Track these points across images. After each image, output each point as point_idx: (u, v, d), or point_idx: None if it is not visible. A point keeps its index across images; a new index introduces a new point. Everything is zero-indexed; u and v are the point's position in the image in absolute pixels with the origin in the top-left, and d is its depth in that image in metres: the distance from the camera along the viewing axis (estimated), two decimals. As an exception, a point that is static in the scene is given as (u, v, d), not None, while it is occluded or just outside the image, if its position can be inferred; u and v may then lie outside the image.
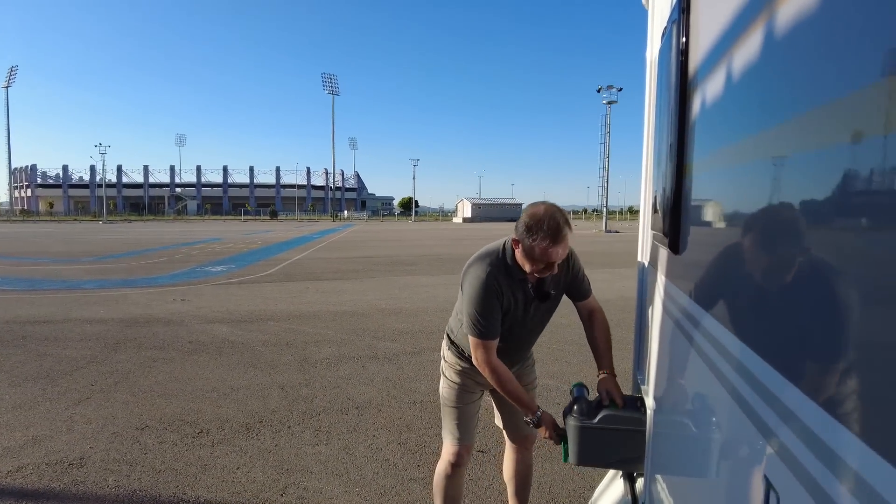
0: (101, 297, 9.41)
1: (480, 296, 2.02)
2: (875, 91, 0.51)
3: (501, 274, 2.05)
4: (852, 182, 0.57)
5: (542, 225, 1.88)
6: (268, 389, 4.69)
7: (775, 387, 0.70)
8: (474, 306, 2.03)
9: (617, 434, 1.94)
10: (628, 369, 2.60)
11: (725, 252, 1.04)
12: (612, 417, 1.95)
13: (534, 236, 1.90)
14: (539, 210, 1.94)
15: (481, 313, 2.03)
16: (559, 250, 1.92)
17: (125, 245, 23.54)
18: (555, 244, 1.89)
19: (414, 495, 3.01)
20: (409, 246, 23.94)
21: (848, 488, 0.52)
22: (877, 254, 0.53)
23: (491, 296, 2.03)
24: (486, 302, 2.02)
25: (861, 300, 0.55)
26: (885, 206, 0.50)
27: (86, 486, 3.07)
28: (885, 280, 0.51)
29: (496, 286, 2.03)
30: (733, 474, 0.91)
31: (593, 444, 1.97)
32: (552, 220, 1.89)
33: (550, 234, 1.88)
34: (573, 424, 1.97)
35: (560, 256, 1.94)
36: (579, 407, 1.99)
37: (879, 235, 0.53)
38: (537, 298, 2.14)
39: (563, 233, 1.90)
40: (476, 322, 2.04)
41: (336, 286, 10.94)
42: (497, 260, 2.07)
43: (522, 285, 2.09)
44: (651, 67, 2.12)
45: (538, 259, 1.93)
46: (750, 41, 0.87)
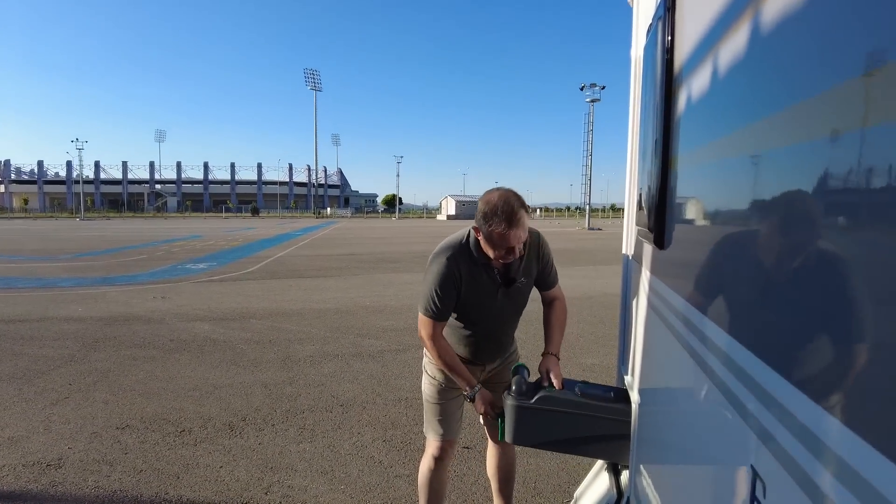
0: (78, 295, 9.24)
1: (438, 280, 2.07)
2: (856, 86, 0.52)
3: (463, 260, 2.08)
4: (833, 176, 0.58)
5: (497, 210, 1.90)
6: (251, 388, 4.65)
7: (761, 377, 0.71)
8: (430, 287, 2.09)
9: (553, 415, 1.97)
10: (613, 364, 2.62)
11: (710, 247, 1.06)
12: (549, 399, 1.98)
13: (490, 222, 1.92)
14: (493, 196, 1.95)
15: (435, 296, 2.08)
16: (517, 233, 1.93)
17: (103, 242, 23.13)
18: (511, 228, 1.91)
19: (399, 492, 3.01)
20: (393, 243, 23.87)
21: (833, 474, 0.53)
22: (857, 245, 0.54)
23: (448, 282, 2.07)
24: (442, 286, 2.07)
25: (842, 290, 0.56)
26: (865, 199, 0.51)
27: (64, 486, 3.01)
28: (864, 270, 0.52)
29: (456, 273, 2.07)
30: (719, 465, 0.92)
31: (528, 424, 2.00)
32: (506, 204, 1.91)
33: (505, 218, 1.90)
34: (510, 403, 2.01)
35: (519, 240, 1.95)
36: (518, 387, 2.03)
37: (859, 228, 0.54)
38: (504, 284, 2.15)
39: (517, 216, 1.91)
40: (429, 302, 2.10)
41: (319, 284, 10.87)
42: (460, 246, 2.11)
43: (487, 270, 2.11)
44: (636, 64, 2.13)
45: (498, 244, 1.96)
46: (735, 38, 0.88)
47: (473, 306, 2.16)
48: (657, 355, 1.54)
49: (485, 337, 2.27)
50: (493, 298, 2.16)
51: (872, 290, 0.50)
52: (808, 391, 0.60)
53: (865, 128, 0.51)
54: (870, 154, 0.50)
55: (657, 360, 1.54)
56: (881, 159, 0.49)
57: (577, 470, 3.24)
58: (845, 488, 0.51)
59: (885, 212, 0.48)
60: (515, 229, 1.91)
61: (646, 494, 1.57)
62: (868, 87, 0.50)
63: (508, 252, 1.98)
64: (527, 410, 1.98)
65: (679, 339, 1.19)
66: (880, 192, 0.49)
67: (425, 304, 2.12)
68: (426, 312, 2.12)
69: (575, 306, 8.10)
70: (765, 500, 0.67)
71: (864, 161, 0.51)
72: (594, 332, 6.69)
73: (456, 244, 2.12)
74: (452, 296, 2.10)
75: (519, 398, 2.00)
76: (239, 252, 18.57)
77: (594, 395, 2.00)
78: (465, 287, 2.10)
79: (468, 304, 2.15)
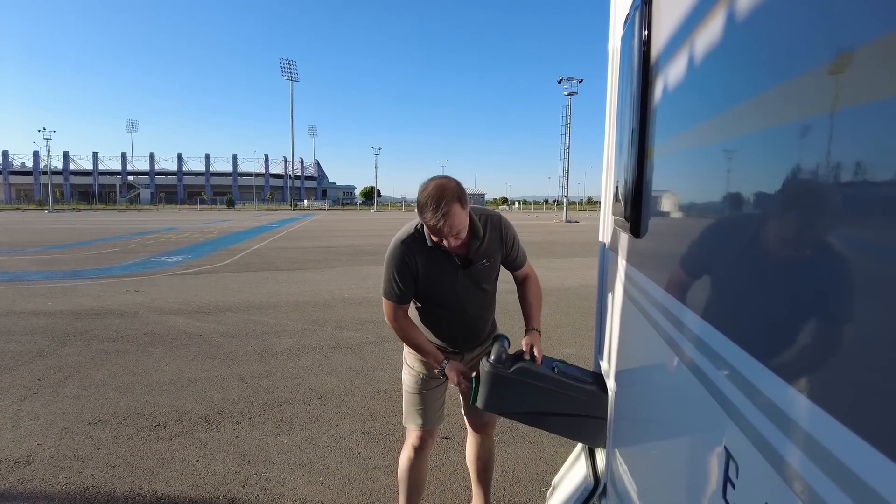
0: (47, 288, 9.00)
1: (393, 266, 2.14)
2: (827, 72, 0.53)
3: (417, 246, 2.12)
4: (805, 162, 0.59)
5: (428, 204, 1.91)
6: (227, 381, 4.60)
7: (734, 360, 0.72)
8: (387, 273, 2.16)
9: (527, 387, 2.00)
10: (590, 354, 2.65)
11: (685, 234, 1.07)
12: (525, 371, 2.01)
13: (424, 215, 1.95)
14: (427, 188, 1.94)
15: (393, 281, 2.15)
16: (449, 224, 1.92)
17: (74, 235, 22.56)
18: (441, 220, 1.90)
19: (378, 483, 3.01)
20: (371, 236, 23.76)
21: (804, 452, 0.54)
22: (828, 230, 0.55)
23: (403, 268, 2.12)
24: (398, 272, 2.13)
25: (813, 275, 0.57)
26: (836, 184, 0.52)
27: (34, 483, 2.94)
28: (835, 255, 0.53)
29: (409, 259, 2.11)
30: (694, 448, 0.94)
31: (502, 392, 2.02)
32: (436, 198, 1.90)
33: (433, 212, 1.90)
34: (487, 370, 2.02)
35: (453, 229, 1.94)
36: (497, 355, 2.05)
37: (831, 213, 0.55)
38: (462, 266, 2.17)
39: (448, 209, 1.90)
40: (387, 286, 2.17)
41: (296, 276, 10.77)
42: (414, 232, 2.14)
43: (444, 253, 2.12)
44: (613, 55, 2.14)
45: (435, 234, 1.99)
46: (710, 27, 0.89)
47: (436, 291, 2.20)
48: (632, 342, 1.56)
49: (456, 323, 2.28)
50: (453, 280, 2.18)
51: (843, 274, 0.52)
52: (779, 372, 0.61)
53: (836, 112, 0.52)
54: (841, 139, 0.51)
55: (632, 346, 1.56)
56: (852, 144, 0.50)
57: (555, 458, 3.28)
58: (816, 466, 0.52)
59: (855, 196, 0.50)
60: (447, 220, 1.91)
61: (622, 480, 1.60)
62: (839, 73, 0.51)
63: (446, 236, 1.99)
64: (502, 378, 2.00)
65: (654, 325, 1.21)
66: (852, 177, 0.50)
67: (385, 287, 2.19)
68: (386, 295, 2.19)
69: (553, 297, 8.17)
70: (737, 479, 0.69)
71: (836, 146, 0.52)
72: (572, 322, 6.75)
73: (410, 231, 2.15)
74: (409, 280, 2.15)
75: (496, 366, 2.02)
76: (214, 244, 18.29)
77: (571, 375, 2.03)
78: (423, 272, 2.13)
79: (431, 290, 2.19)
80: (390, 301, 2.19)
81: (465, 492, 2.92)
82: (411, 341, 2.22)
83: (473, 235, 2.12)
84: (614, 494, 1.76)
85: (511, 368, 2.01)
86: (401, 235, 2.16)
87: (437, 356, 2.20)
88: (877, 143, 0.46)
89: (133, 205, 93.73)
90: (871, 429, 0.45)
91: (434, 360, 2.20)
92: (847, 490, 0.47)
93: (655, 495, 1.23)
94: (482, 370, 2.05)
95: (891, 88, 0.43)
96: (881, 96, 0.45)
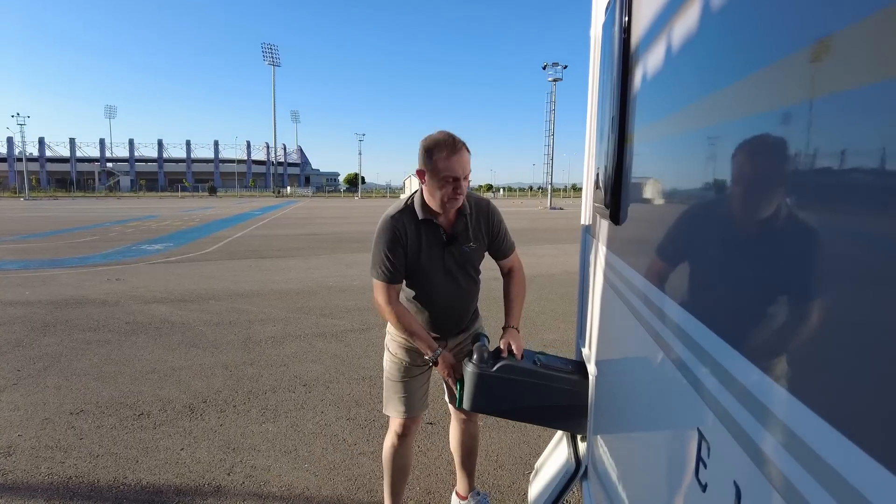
0: (25, 277, 8.85)
1: (384, 241, 2.10)
2: (805, 57, 0.54)
3: (408, 219, 2.12)
4: (782, 147, 0.60)
5: (440, 141, 2.00)
6: (211, 369, 4.58)
7: (708, 345, 0.74)
8: (378, 250, 2.12)
9: (512, 384, 2.02)
10: (572, 339, 2.68)
11: (664, 221, 1.09)
12: (509, 368, 2.03)
13: (435, 155, 1.99)
14: (433, 134, 2.05)
15: (384, 257, 2.11)
16: (460, 159, 2.00)
17: (52, 223, 22.14)
18: (454, 153, 1.99)
19: (364, 469, 3.03)
20: (356, 223, 23.65)
21: (771, 434, 0.56)
22: (807, 217, 0.56)
23: (394, 241, 2.10)
24: (389, 246, 2.10)
25: (790, 261, 0.59)
26: (814, 169, 0.54)
27: (15, 475, 2.92)
28: (813, 241, 0.55)
29: (400, 230, 2.11)
30: (669, 429, 0.96)
31: (487, 392, 2.05)
32: (448, 136, 2.02)
33: (448, 146, 1.99)
34: (471, 371, 2.04)
35: (464, 168, 2.01)
36: (479, 355, 2.06)
37: (809, 199, 0.56)
38: (448, 243, 2.18)
39: (459, 143, 2.01)
40: (379, 264, 2.12)
41: (280, 264, 10.70)
42: (404, 206, 2.15)
43: (431, 228, 2.14)
44: (595, 42, 2.15)
45: (443, 178, 2.00)
46: (690, 13, 0.90)
47: (422, 269, 2.18)
48: (613, 327, 1.58)
49: (441, 308, 2.27)
50: (439, 259, 2.18)
51: (818, 262, 0.53)
52: (750, 357, 0.63)
53: (814, 99, 0.52)
54: (819, 125, 0.52)
55: (613, 332, 1.59)
56: (830, 130, 0.51)
57: (538, 442, 3.32)
58: (783, 447, 0.54)
59: (832, 183, 0.51)
60: (459, 154, 1.99)
61: (602, 461, 1.63)
62: (817, 60, 0.52)
63: (456, 188, 2.02)
64: (487, 378, 2.02)
65: (632, 311, 1.23)
66: (829, 164, 0.51)
67: (376, 268, 2.14)
68: (378, 276, 2.14)
69: (536, 283, 8.23)
70: (709, 459, 0.71)
71: (814, 133, 0.53)
72: (554, 308, 6.82)
73: (399, 206, 2.16)
74: (400, 255, 2.12)
75: (480, 366, 2.03)
76: (196, 232, 18.08)
77: (553, 367, 2.06)
78: (412, 246, 2.13)
79: (416, 267, 2.17)
80: (382, 282, 2.14)
81: (449, 476, 2.96)
82: (405, 326, 2.16)
83: (460, 212, 2.15)
84: (595, 476, 1.80)
85: (494, 367, 2.02)
86: (390, 211, 2.15)
87: (430, 343, 2.17)
88: (855, 130, 0.47)
89: (112, 192, 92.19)
90: (835, 412, 0.47)
91: (428, 347, 2.17)
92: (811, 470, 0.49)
93: (634, 475, 1.26)
94: (466, 372, 2.06)
95: (868, 75, 0.44)
96: (859, 83, 0.46)
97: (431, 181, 2.03)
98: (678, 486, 0.85)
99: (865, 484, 0.42)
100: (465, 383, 2.06)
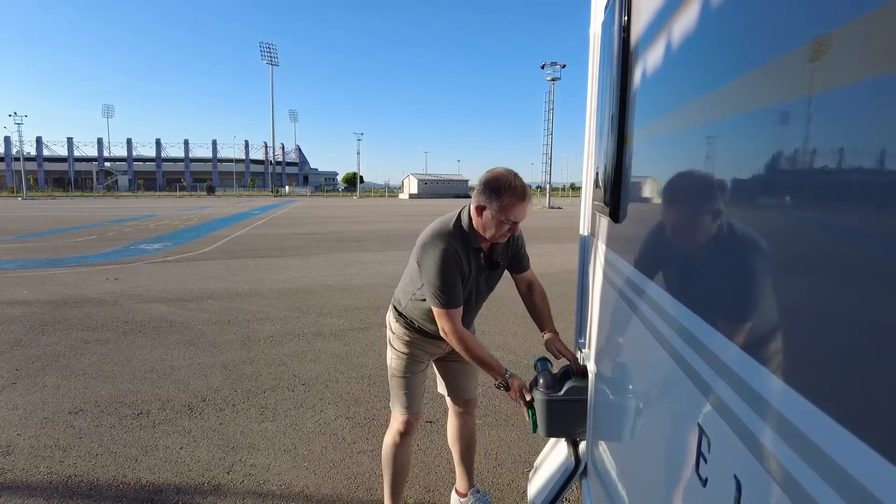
0: (23, 277, 8.83)
1: (442, 267, 2.04)
2: (802, 57, 0.54)
3: (458, 243, 2.09)
4: (781, 146, 0.60)
5: (509, 184, 1.97)
6: (210, 368, 4.58)
7: (709, 341, 0.75)
8: (437, 278, 2.04)
9: (583, 404, 1.99)
10: (570, 338, 2.69)
11: (664, 219, 1.09)
12: (576, 389, 2.01)
13: (501, 196, 1.97)
14: (500, 172, 2.02)
15: (444, 284, 2.05)
16: (525, 207, 2.01)
17: (50, 222, 22.09)
18: (522, 201, 1.99)
19: (363, 467, 3.04)
20: (354, 222, 23.64)
21: (771, 427, 0.56)
22: (804, 213, 0.57)
23: (452, 266, 2.06)
24: (447, 273, 2.05)
25: (788, 258, 0.59)
26: (811, 167, 0.54)
27: (14, 474, 2.92)
28: (811, 237, 0.55)
29: (455, 256, 2.07)
30: (670, 425, 0.96)
31: (561, 416, 2.04)
32: (518, 181, 2.00)
33: (518, 194, 1.98)
34: (540, 398, 2.03)
35: (526, 215, 2.02)
36: (545, 380, 2.05)
37: (806, 196, 0.57)
38: (487, 268, 2.20)
39: (528, 191, 2.02)
40: (440, 294, 2.05)
41: (279, 263, 10.70)
42: (454, 229, 2.11)
43: (476, 254, 2.14)
44: (594, 41, 2.15)
45: (504, 220, 2.00)
46: (689, 11, 0.90)
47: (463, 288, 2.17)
48: (612, 325, 1.59)
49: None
50: (475, 283, 2.20)
51: (816, 258, 0.53)
52: (750, 352, 0.64)
53: (813, 96, 0.53)
54: (818, 123, 0.52)
55: (612, 329, 1.59)
56: (828, 128, 0.51)
57: (537, 441, 3.33)
58: (782, 440, 0.54)
59: (829, 181, 0.51)
60: (526, 202, 2.00)
61: (602, 459, 1.64)
62: (816, 58, 0.52)
63: (511, 229, 2.04)
64: (557, 403, 2.01)
65: (632, 308, 1.23)
66: (826, 161, 0.52)
67: (437, 296, 2.06)
68: (440, 304, 2.06)
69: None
70: (709, 453, 0.71)
71: (812, 130, 0.53)
72: (554, 307, 6.78)
73: (449, 228, 2.10)
74: (458, 278, 2.08)
75: (548, 392, 2.02)
76: (195, 231, 18.06)
77: None
78: (463, 271, 2.12)
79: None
80: (448, 309, 2.06)
81: (448, 474, 2.96)
82: (477, 354, 2.12)
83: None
84: (595, 474, 1.80)
85: (562, 391, 2.01)
86: (442, 233, 2.09)
87: (500, 368, 2.15)
88: (853, 127, 0.47)
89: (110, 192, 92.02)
90: (835, 404, 0.47)
91: (497, 373, 2.14)
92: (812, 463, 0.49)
93: (634, 472, 1.26)
94: (535, 400, 2.05)
95: (866, 73, 0.45)
96: (857, 79, 0.46)
97: (491, 219, 2.02)
98: (679, 482, 0.86)
99: (866, 475, 0.42)
100: (537, 411, 2.05)
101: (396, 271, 9.71)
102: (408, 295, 2.28)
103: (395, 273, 9.50)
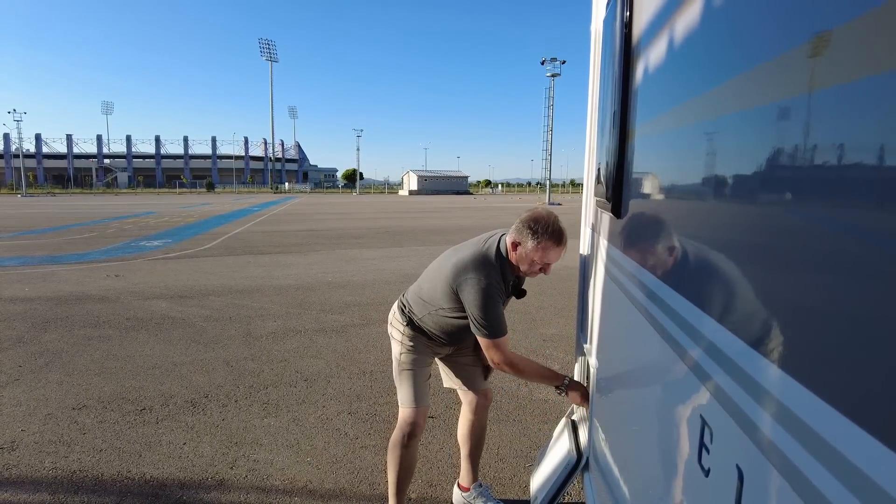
0: (25, 274, 8.84)
1: (489, 301, 2.07)
2: (806, 51, 0.55)
3: (498, 274, 2.12)
4: (782, 142, 0.61)
5: (548, 227, 2.01)
6: (212, 364, 4.59)
7: (711, 334, 0.76)
8: (485, 311, 2.07)
9: None
10: (572, 333, 2.70)
11: (665, 214, 1.10)
12: None
13: (538, 237, 2.00)
14: (541, 212, 2.06)
15: (493, 316, 2.08)
16: (560, 252, 2.04)
17: (50, 220, 22.09)
18: (558, 245, 2.02)
19: (365, 462, 3.05)
20: (354, 219, 23.63)
21: (771, 415, 0.58)
22: (805, 208, 0.58)
23: (496, 298, 2.09)
24: (493, 304, 2.08)
25: (790, 251, 0.60)
26: (812, 163, 0.55)
27: (19, 469, 2.93)
28: (811, 232, 0.56)
29: (498, 287, 2.10)
30: (671, 418, 0.98)
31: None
32: (556, 223, 2.03)
33: (555, 235, 2.01)
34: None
35: (559, 258, 2.05)
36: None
37: (808, 191, 0.58)
38: (514, 295, 2.25)
39: (565, 236, 2.04)
40: (488, 325, 2.08)
41: (280, 260, 10.71)
42: (496, 261, 2.13)
43: (507, 284, 2.17)
44: (596, 37, 2.16)
45: (537, 260, 2.04)
46: (691, 7, 0.91)
47: None
48: (613, 320, 1.60)
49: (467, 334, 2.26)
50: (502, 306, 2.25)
51: (817, 252, 0.54)
52: (752, 344, 0.65)
53: (813, 93, 0.54)
54: (819, 119, 0.53)
55: (614, 324, 1.60)
56: (829, 124, 0.52)
57: (539, 435, 3.35)
58: (784, 430, 0.56)
59: (830, 176, 0.52)
60: (560, 248, 2.04)
61: (603, 453, 1.65)
62: (817, 52, 0.53)
63: (543, 269, 2.07)
64: None
65: (634, 303, 1.24)
66: (828, 157, 0.53)
67: (482, 328, 2.08)
68: (488, 335, 2.09)
69: (535, 280, 8.23)
70: (711, 444, 0.73)
71: (813, 126, 0.54)
72: (554, 304, 6.83)
73: (492, 260, 2.12)
74: (501, 307, 2.13)
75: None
76: (195, 228, 18.06)
77: None
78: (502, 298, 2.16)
79: None
80: (496, 339, 2.09)
81: (450, 469, 2.98)
82: (533, 371, 2.20)
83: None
84: (596, 467, 1.82)
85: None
86: (487, 265, 2.10)
87: (558, 375, 2.20)
88: (853, 123, 0.48)
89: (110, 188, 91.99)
90: (836, 393, 0.49)
91: (557, 380, 2.19)
92: (814, 453, 0.50)
93: (636, 465, 1.27)
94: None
95: (867, 70, 0.45)
96: (858, 77, 0.47)
97: (525, 256, 2.05)
98: (681, 473, 0.87)
99: (867, 463, 0.43)
100: None
101: (397, 267, 9.72)
102: (426, 309, 2.28)
103: (396, 269, 9.53)
